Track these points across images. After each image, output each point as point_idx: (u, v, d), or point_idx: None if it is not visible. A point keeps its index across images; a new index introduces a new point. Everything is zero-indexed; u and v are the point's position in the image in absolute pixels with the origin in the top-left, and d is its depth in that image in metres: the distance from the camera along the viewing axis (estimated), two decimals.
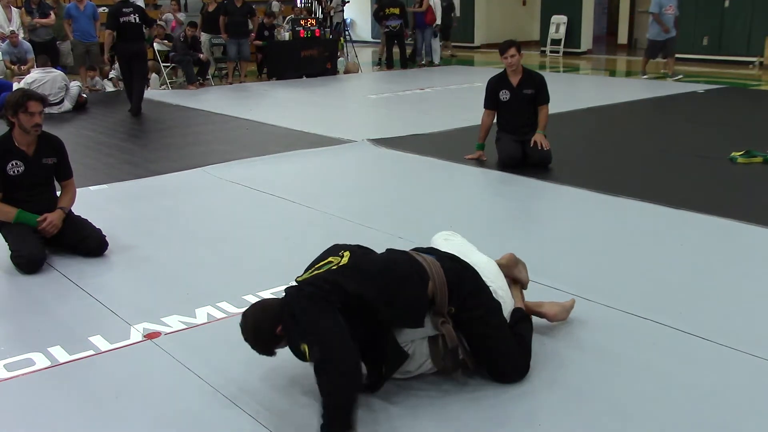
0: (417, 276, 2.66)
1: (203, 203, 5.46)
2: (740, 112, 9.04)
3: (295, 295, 2.57)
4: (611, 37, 19.39)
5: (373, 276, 2.63)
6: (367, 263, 2.70)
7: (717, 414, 2.56)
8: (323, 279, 2.59)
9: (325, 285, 2.55)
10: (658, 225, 4.64)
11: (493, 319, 2.77)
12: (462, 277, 2.75)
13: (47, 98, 5.80)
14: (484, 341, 2.74)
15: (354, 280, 2.58)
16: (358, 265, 2.66)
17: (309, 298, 2.52)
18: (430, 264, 2.71)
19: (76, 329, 3.33)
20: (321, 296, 2.52)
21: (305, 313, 2.48)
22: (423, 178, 6.11)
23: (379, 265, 2.71)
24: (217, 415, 2.62)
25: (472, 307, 2.71)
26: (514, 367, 2.78)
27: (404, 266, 2.71)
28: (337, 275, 2.60)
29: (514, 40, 6.15)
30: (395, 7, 14.37)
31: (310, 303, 2.50)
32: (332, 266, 2.65)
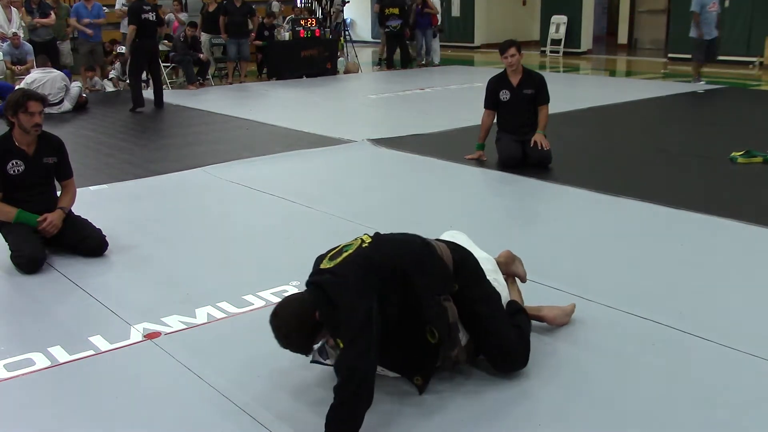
0: (432, 249, 2.74)
1: (203, 203, 5.46)
2: (740, 112, 9.03)
3: (334, 283, 2.49)
4: (611, 37, 19.38)
5: (400, 247, 2.70)
6: (390, 239, 2.77)
7: (717, 414, 2.56)
8: (358, 262, 2.56)
9: (360, 268, 2.53)
10: (658, 225, 4.64)
11: (493, 302, 2.84)
12: (466, 260, 2.83)
13: (47, 98, 5.79)
14: (487, 322, 2.76)
15: (387, 254, 2.63)
16: (384, 240, 2.73)
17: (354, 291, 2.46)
18: (437, 244, 2.81)
19: (76, 329, 3.32)
20: (362, 283, 2.49)
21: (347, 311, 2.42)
22: (423, 178, 6.11)
23: (401, 238, 2.80)
24: (217, 415, 2.62)
25: (474, 287, 2.79)
26: (514, 352, 2.79)
27: (419, 240, 2.79)
28: (370, 252, 2.62)
29: (515, 40, 6.15)
30: (395, 6, 14.38)
31: (352, 295, 2.45)
32: (359, 246, 2.65)
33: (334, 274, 2.54)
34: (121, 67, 12.21)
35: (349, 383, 2.37)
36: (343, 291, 2.47)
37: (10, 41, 10.81)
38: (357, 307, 2.43)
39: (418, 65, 15.03)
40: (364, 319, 2.42)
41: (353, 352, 2.39)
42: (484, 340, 2.78)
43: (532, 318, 3.15)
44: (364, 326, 2.41)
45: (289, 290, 3.67)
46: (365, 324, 2.41)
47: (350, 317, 2.42)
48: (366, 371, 2.39)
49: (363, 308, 2.43)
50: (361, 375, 2.37)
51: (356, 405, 2.38)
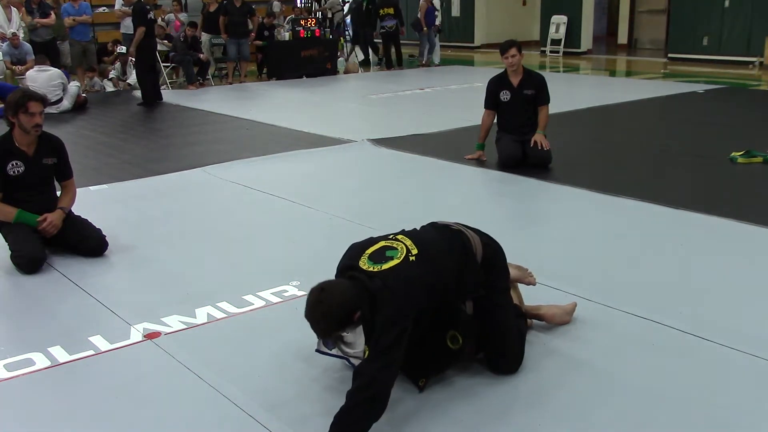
0: (469, 251, 2.73)
1: (203, 203, 5.46)
2: (740, 112, 9.03)
3: (384, 292, 2.44)
4: (611, 37, 19.39)
5: (445, 260, 2.64)
6: (434, 250, 2.65)
7: (717, 414, 2.56)
8: (409, 280, 2.49)
9: (413, 283, 2.48)
10: (658, 225, 4.64)
11: (509, 298, 2.89)
12: (496, 253, 2.85)
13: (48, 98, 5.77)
14: (498, 313, 2.78)
15: (435, 272, 2.58)
16: (429, 253, 2.62)
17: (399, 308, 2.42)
18: (473, 238, 2.79)
19: (76, 329, 3.32)
20: (408, 302, 2.45)
21: (387, 325, 2.39)
22: (423, 178, 6.12)
23: (442, 247, 2.70)
24: (217, 415, 2.62)
25: (498, 280, 2.81)
26: (513, 350, 2.81)
27: (458, 243, 2.74)
28: (419, 270, 2.54)
29: (515, 40, 6.15)
30: (389, 7, 14.39)
31: (397, 313, 2.42)
32: (405, 255, 2.57)
33: (384, 282, 2.46)
34: (121, 68, 12.22)
35: (366, 391, 2.35)
36: (388, 305, 2.42)
37: (9, 41, 10.81)
38: (395, 325, 2.41)
39: (420, 65, 15.03)
40: (398, 338, 2.40)
41: (378, 364, 2.37)
42: (492, 330, 2.78)
43: (532, 317, 3.17)
44: (396, 344, 2.40)
45: (289, 290, 3.67)
46: (397, 342, 2.40)
47: (387, 332, 2.39)
48: (385, 385, 2.38)
49: (400, 327, 2.41)
50: (380, 387, 2.37)
51: (367, 414, 2.37)
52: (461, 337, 2.67)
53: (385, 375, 2.38)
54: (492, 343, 2.80)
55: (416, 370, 2.72)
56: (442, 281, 2.61)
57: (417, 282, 2.51)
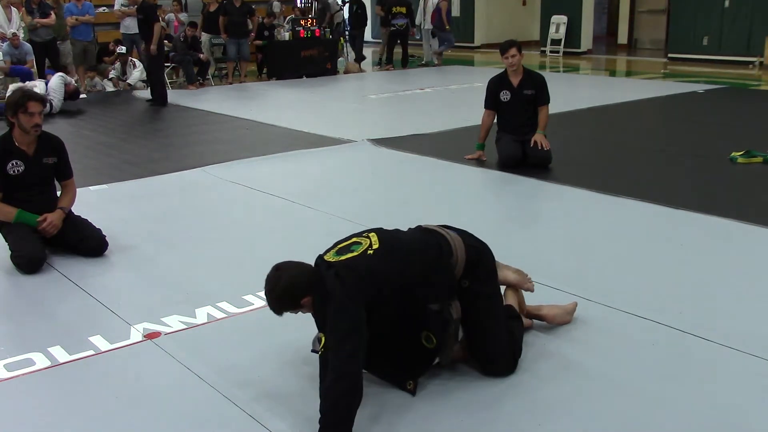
0: (445, 252, 2.72)
1: (203, 203, 5.46)
2: (740, 112, 9.03)
3: (334, 281, 2.51)
4: (611, 37, 19.38)
5: (406, 260, 2.66)
6: (399, 246, 2.71)
7: (717, 414, 2.56)
8: (359, 270, 2.54)
9: (363, 274, 2.53)
10: (658, 225, 4.64)
11: (497, 303, 2.86)
12: (481, 256, 2.82)
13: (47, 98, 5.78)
14: (484, 319, 2.77)
15: (390, 268, 2.61)
16: (392, 248, 2.67)
17: (346, 300, 2.47)
18: (454, 240, 2.77)
19: (76, 329, 3.33)
20: (357, 291, 2.50)
21: (337, 312, 2.46)
22: (423, 178, 6.11)
23: (412, 246, 2.73)
24: (217, 415, 2.62)
25: (484, 284, 2.79)
26: (503, 355, 2.80)
27: (433, 244, 2.74)
28: (374, 262, 2.59)
29: (515, 41, 6.15)
30: (402, 5, 14.43)
31: (344, 299, 2.47)
32: (365, 249, 2.63)
33: (336, 273, 2.54)
34: (121, 68, 12.22)
35: (338, 386, 2.38)
36: (335, 294, 2.49)
37: (9, 41, 10.81)
38: (345, 312, 2.47)
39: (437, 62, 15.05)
40: (352, 325, 2.45)
41: (341, 355, 2.41)
42: (478, 338, 2.78)
43: (532, 317, 3.17)
44: (351, 330, 2.44)
45: None
46: (353, 330, 2.45)
47: (339, 320, 2.46)
48: (355, 373, 2.41)
49: (351, 315, 2.46)
50: (350, 378, 2.40)
51: (348, 406, 2.39)
52: (434, 336, 2.66)
53: (352, 364, 2.42)
54: (479, 349, 2.80)
55: (400, 375, 2.72)
56: (400, 277, 2.62)
57: (366, 272, 2.54)
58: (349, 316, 2.46)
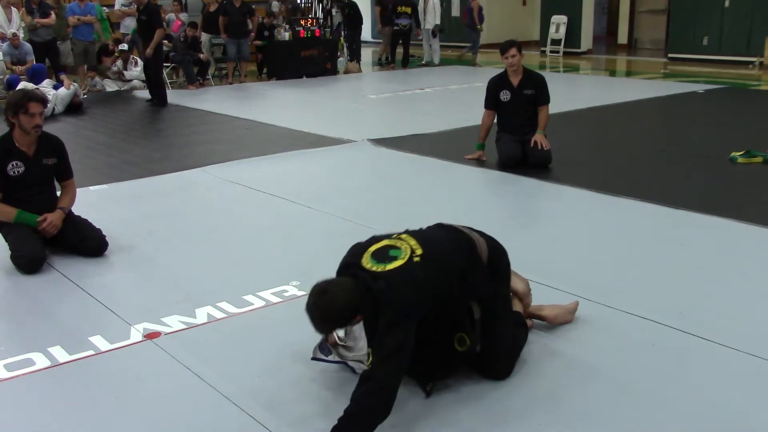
0: (475, 252, 2.71)
1: (203, 203, 5.46)
2: (740, 112, 9.03)
3: (389, 294, 2.41)
4: (611, 37, 19.39)
5: (450, 262, 2.62)
6: (440, 250, 2.64)
7: (717, 414, 2.56)
8: (414, 281, 2.46)
9: (414, 290, 2.44)
10: (658, 225, 4.64)
11: (508, 306, 2.88)
12: (501, 258, 2.85)
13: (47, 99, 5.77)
14: (495, 319, 2.76)
15: (439, 272, 2.55)
16: (434, 252, 2.59)
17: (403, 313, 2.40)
18: (478, 240, 2.78)
19: (76, 329, 3.32)
20: (414, 306, 2.44)
21: (391, 327, 2.38)
22: (423, 178, 6.11)
23: (450, 248, 2.68)
24: (217, 415, 2.62)
25: (501, 285, 2.82)
26: (504, 359, 2.80)
27: (464, 243, 2.72)
28: (424, 272, 2.50)
29: (515, 41, 6.15)
30: (407, 6, 14.45)
31: (400, 315, 2.39)
32: (410, 256, 2.53)
33: (388, 284, 2.43)
34: (123, 64, 12.24)
35: (373, 397, 2.34)
36: (392, 308, 2.40)
37: (9, 41, 10.82)
38: (400, 327, 2.39)
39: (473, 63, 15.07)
40: (403, 341, 2.38)
41: (386, 369, 2.36)
42: (484, 338, 2.77)
43: (533, 317, 3.17)
44: (402, 348, 2.38)
45: (289, 290, 3.67)
46: (403, 346, 2.38)
47: (390, 335, 2.37)
48: (393, 390, 2.37)
49: (404, 330, 2.39)
50: (388, 393, 2.36)
51: (373, 419, 2.36)
52: (469, 339, 2.66)
53: (393, 381, 2.37)
54: (484, 349, 2.78)
55: (424, 374, 2.70)
56: (447, 282, 2.58)
57: (422, 284, 2.47)
58: (402, 333, 2.38)
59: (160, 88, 10.43)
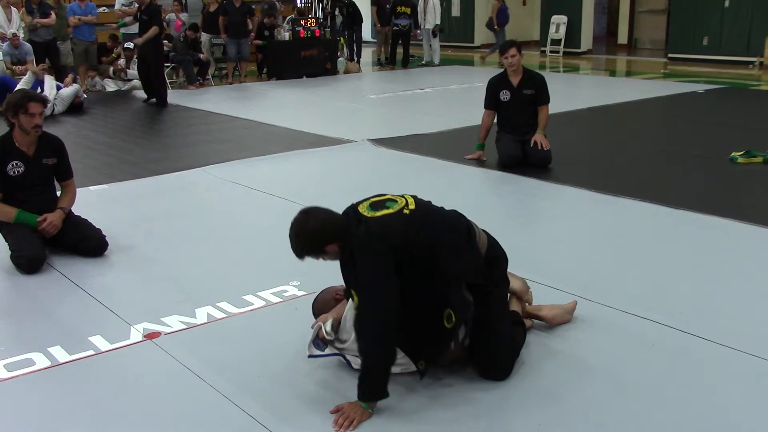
0: (472, 238, 2.74)
1: (203, 203, 5.46)
2: (740, 112, 9.03)
3: (366, 236, 2.53)
4: (611, 37, 19.38)
5: (441, 226, 2.68)
6: (433, 214, 2.73)
7: (717, 414, 2.56)
8: (393, 229, 2.55)
9: (390, 236, 2.53)
10: (658, 225, 4.64)
11: (504, 306, 2.89)
12: (499, 257, 2.86)
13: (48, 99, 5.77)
14: (492, 320, 2.77)
15: (423, 232, 2.61)
16: (427, 212, 2.69)
17: (376, 253, 2.50)
18: (479, 232, 2.82)
19: (76, 329, 3.32)
20: (388, 250, 2.50)
21: (368, 266, 2.49)
22: (423, 178, 6.11)
23: (446, 216, 2.76)
24: (217, 415, 2.62)
25: (496, 286, 2.81)
26: (502, 359, 2.80)
27: (464, 222, 2.78)
28: (408, 223, 2.60)
29: (515, 41, 6.16)
30: (407, 6, 14.46)
31: (376, 258, 2.50)
32: (401, 208, 2.63)
33: (368, 229, 2.54)
34: (126, 62, 12.25)
35: (371, 328, 2.46)
36: (366, 250, 2.51)
37: (9, 41, 10.82)
38: (373, 261, 2.50)
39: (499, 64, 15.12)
40: (378, 271, 2.48)
41: (371, 300, 2.47)
42: (483, 338, 2.78)
43: (532, 317, 3.17)
44: (378, 275, 2.47)
45: (289, 290, 3.67)
46: (379, 274, 2.47)
47: (366, 271, 2.49)
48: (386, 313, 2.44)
49: (378, 262, 2.49)
50: (382, 319, 2.44)
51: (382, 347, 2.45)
52: (454, 315, 2.65)
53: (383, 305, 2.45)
54: (482, 349, 2.79)
55: (412, 349, 2.71)
56: (431, 241, 2.61)
57: (397, 230, 2.55)
58: (377, 264, 2.48)
59: (161, 87, 10.40)
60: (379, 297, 2.47)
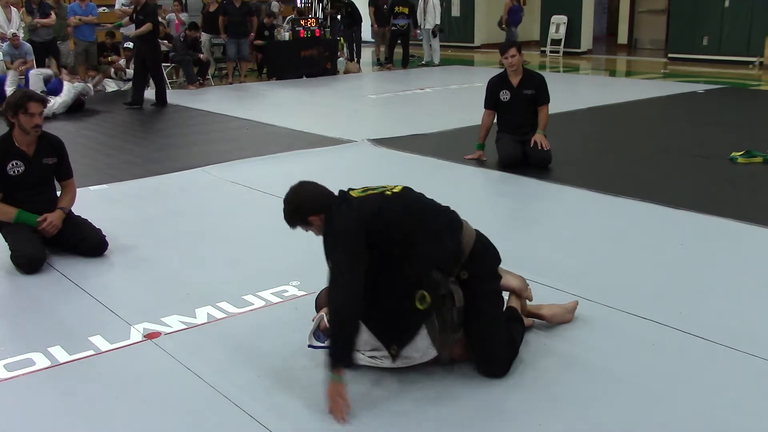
0: (454, 227, 2.79)
1: (203, 203, 5.46)
2: (740, 112, 9.03)
3: (345, 211, 2.68)
4: (611, 37, 19.39)
5: (421, 212, 2.79)
6: (416, 198, 2.86)
7: (717, 414, 2.56)
8: (373, 205, 2.71)
9: (371, 212, 2.67)
10: (658, 225, 4.64)
11: (497, 302, 2.87)
12: (487, 252, 2.87)
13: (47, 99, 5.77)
14: (482, 319, 2.77)
15: (403, 209, 2.75)
16: (409, 197, 2.85)
17: (349, 226, 2.63)
18: (468, 227, 2.85)
19: (76, 329, 3.32)
20: (361, 224, 2.63)
21: (340, 238, 2.63)
22: (423, 178, 6.10)
23: (428, 204, 2.87)
24: (217, 415, 2.62)
25: (484, 282, 2.81)
26: (499, 356, 2.80)
27: (448, 214, 2.86)
28: (387, 202, 2.75)
29: (515, 41, 6.16)
30: (405, 6, 14.45)
31: (348, 231, 2.63)
32: (384, 191, 2.81)
33: (349, 206, 2.70)
34: (126, 62, 12.26)
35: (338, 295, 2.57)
36: (341, 223, 2.65)
37: (9, 41, 10.81)
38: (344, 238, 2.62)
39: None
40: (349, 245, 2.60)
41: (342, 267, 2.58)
42: (476, 338, 2.78)
43: (532, 316, 3.17)
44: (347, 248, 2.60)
45: (289, 290, 3.67)
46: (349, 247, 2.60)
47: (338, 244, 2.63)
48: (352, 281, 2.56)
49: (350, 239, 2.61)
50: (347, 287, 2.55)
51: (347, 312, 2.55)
52: (428, 295, 2.68)
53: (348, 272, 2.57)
54: (478, 349, 2.80)
55: (384, 332, 2.74)
56: (408, 223, 2.71)
57: (372, 213, 2.68)
58: (347, 237, 2.61)
59: (159, 87, 10.36)
60: (346, 266, 2.58)
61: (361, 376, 2.81)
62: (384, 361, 2.79)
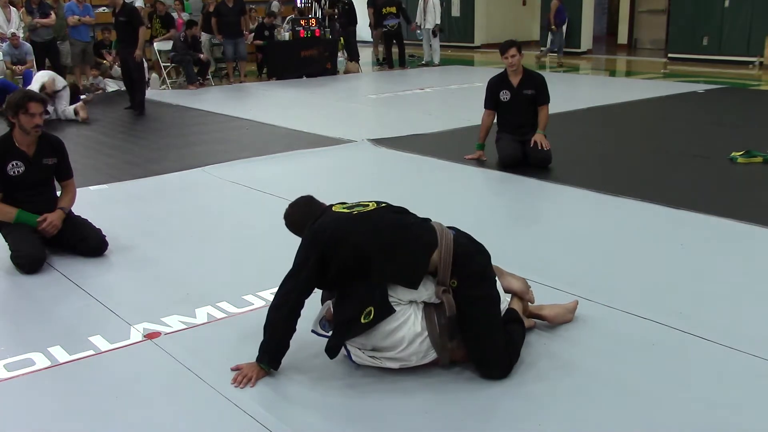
0: (423, 241, 2.80)
1: (203, 203, 5.46)
2: (740, 112, 9.03)
3: (309, 229, 2.88)
4: (611, 37, 19.38)
5: (380, 231, 2.81)
6: (380, 216, 2.91)
7: (717, 414, 2.56)
8: (331, 226, 2.83)
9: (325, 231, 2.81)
10: (658, 225, 4.64)
11: (490, 307, 2.83)
12: (471, 257, 2.83)
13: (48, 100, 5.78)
14: (476, 325, 2.77)
15: (361, 233, 2.80)
16: (371, 216, 2.90)
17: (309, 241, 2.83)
18: (444, 236, 2.81)
19: (76, 329, 3.33)
20: (316, 240, 2.81)
21: (299, 252, 2.84)
22: (423, 178, 6.11)
23: (392, 223, 2.88)
24: (217, 415, 2.62)
25: (473, 287, 2.78)
26: (497, 360, 2.79)
27: (415, 230, 2.86)
28: (350, 223, 2.85)
29: (515, 41, 6.16)
30: (391, 6, 14.41)
31: (304, 248, 2.82)
32: (352, 210, 2.93)
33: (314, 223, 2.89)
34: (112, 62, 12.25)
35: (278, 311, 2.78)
36: (303, 239, 2.87)
37: (9, 41, 10.82)
38: (300, 252, 2.82)
39: (559, 64, 14.99)
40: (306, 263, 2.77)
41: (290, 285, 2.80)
42: (471, 343, 2.78)
43: (533, 317, 3.17)
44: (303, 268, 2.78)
45: None
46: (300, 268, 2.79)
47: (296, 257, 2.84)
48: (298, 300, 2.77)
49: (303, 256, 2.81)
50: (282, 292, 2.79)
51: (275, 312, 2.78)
52: (374, 312, 2.71)
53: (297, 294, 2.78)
54: (473, 354, 2.80)
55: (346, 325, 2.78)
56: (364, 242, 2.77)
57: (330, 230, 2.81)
58: (301, 257, 2.80)
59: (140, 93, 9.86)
60: (292, 280, 2.79)
61: (362, 376, 2.81)
62: (384, 362, 2.79)
